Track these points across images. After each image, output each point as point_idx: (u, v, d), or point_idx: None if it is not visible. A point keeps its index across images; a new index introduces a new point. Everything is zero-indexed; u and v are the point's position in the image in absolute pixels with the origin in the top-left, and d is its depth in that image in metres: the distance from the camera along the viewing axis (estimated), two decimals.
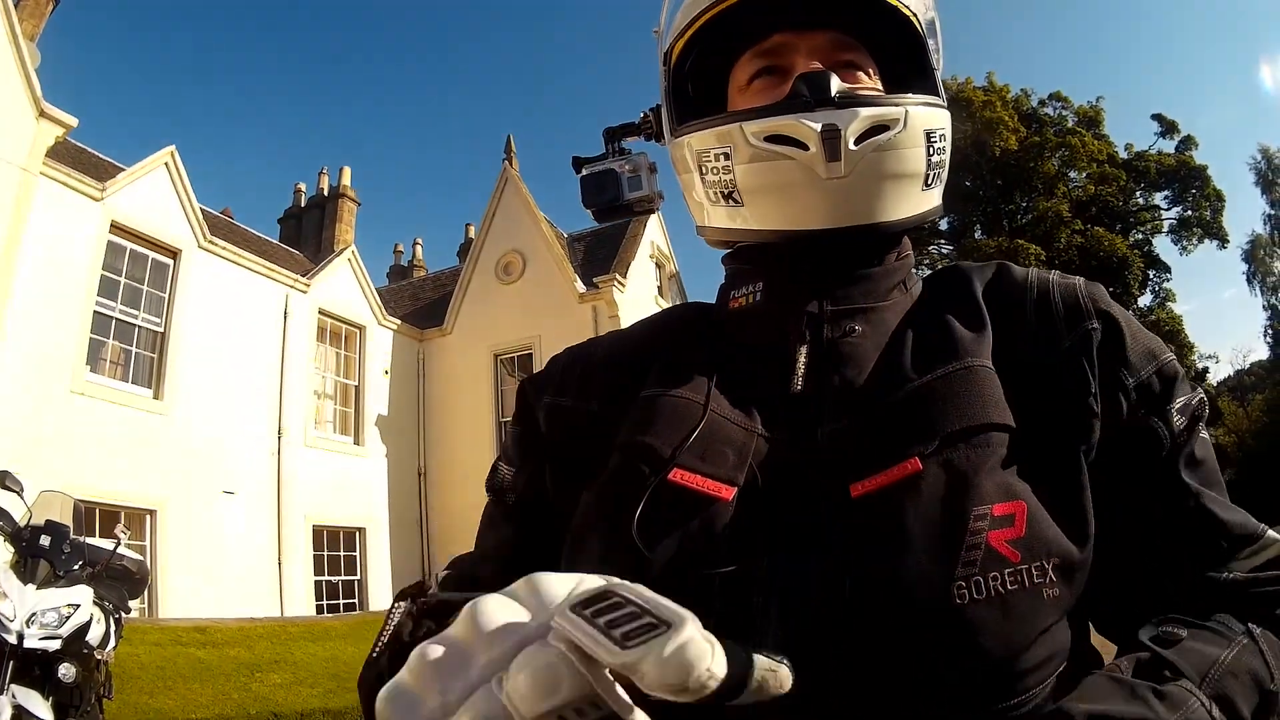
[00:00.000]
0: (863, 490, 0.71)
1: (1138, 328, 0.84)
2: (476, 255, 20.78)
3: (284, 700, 7.93)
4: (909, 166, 0.84)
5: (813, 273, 0.87)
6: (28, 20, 12.71)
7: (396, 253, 31.48)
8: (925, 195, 0.88)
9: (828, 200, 0.82)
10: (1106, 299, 0.85)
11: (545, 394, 0.94)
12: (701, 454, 0.77)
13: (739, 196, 0.86)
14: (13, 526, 4.82)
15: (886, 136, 0.82)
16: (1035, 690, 0.69)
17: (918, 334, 0.84)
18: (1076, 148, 29.36)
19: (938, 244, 32.76)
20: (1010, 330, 0.83)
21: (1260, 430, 33.15)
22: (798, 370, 0.82)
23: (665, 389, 0.84)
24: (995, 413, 0.75)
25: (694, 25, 0.93)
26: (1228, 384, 40.68)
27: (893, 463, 0.72)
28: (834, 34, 0.91)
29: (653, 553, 0.72)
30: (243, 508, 14.97)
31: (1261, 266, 33.45)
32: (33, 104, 12.12)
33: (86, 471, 11.94)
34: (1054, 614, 0.70)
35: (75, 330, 12.85)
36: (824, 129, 0.79)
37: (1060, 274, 0.88)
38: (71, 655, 4.43)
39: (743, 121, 0.84)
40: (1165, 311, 29.53)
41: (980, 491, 0.70)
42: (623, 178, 1.00)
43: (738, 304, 0.92)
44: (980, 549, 0.67)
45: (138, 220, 14.18)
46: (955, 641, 0.66)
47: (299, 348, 17.25)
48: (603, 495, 0.80)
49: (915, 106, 0.84)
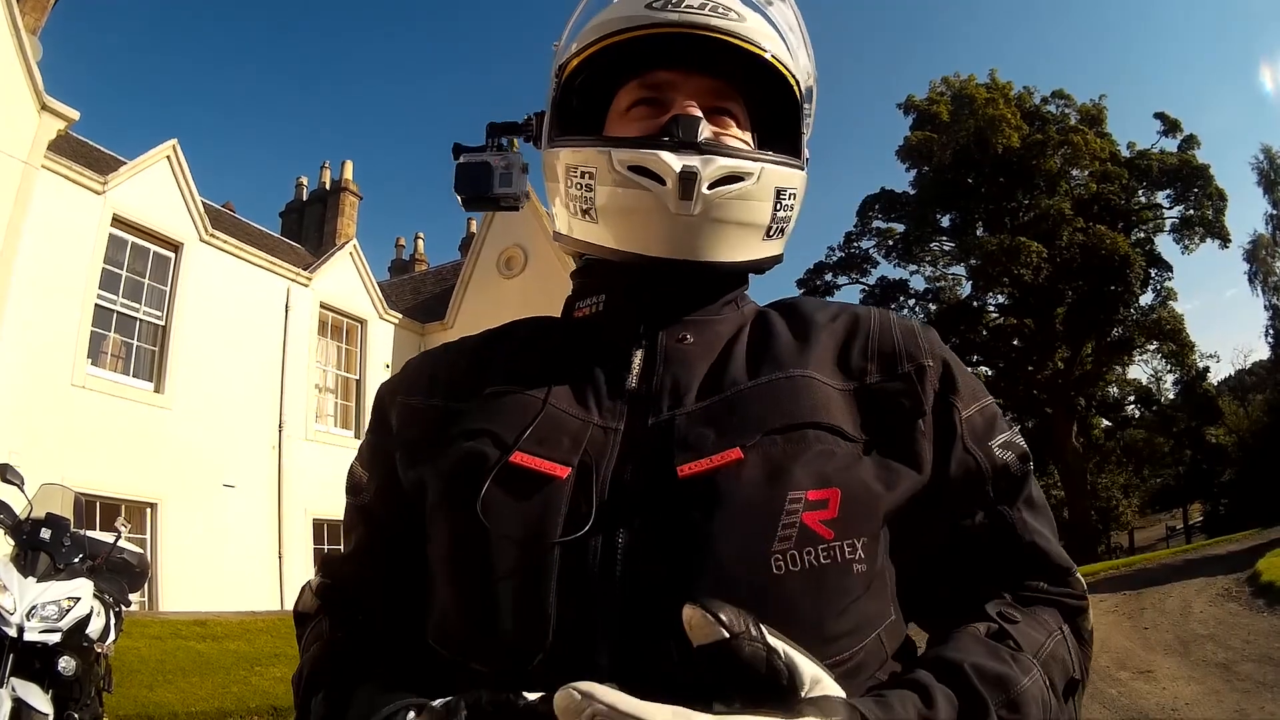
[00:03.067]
0: (689, 472, 0.79)
1: (966, 373, 0.95)
2: (478, 249, 20.79)
3: (284, 694, 7.90)
4: (753, 217, 0.94)
5: (651, 291, 0.97)
6: (30, 14, 12.70)
7: (398, 246, 31.48)
8: (765, 244, 0.97)
9: (673, 233, 0.91)
10: (940, 342, 0.97)
11: (398, 395, 1.02)
12: (539, 440, 0.84)
13: (595, 214, 0.95)
14: (13, 520, 4.83)
15: (738, 187, 0.91)
16: (852, 650, 0.77)
17: (749, 346, 0.94)
18: (1079, 146, 29.27)
19: (939, 241, 32.74)
20: (850, 356, 0.93)
21: (1261, 430, 33.12)
22: (633, 370, 0.91)
23: (508, 387, 0.92)
24: (812, 414, 0.84)
25: (591, 48, 1.00)
26: (1228, 383, 40.64)
27: (718, 450, 0.80)
28: (715, 81, 0.99)
29: (496, 527, 0.80)
30: (243, 501, 15.01)
31: (1263, 266, 33.37)
32: (34, 97, 12.13)
33: (87, 465, 11.95)
34: (862, 585, 0.79)
35: (76, 323, 12.88)
36: (683, 170, 0.88)
37: (901, 316, 0.99)
38: (71, 648, 4.43)
39: (612, 149, 0.92)
40: (1166, 310, 29.46)
41: (795, 479, 0.78)
42: (495, 172, 1.05)
43: (582, 313, 1.03)
44: (795, 527, 0.76)
45: (139, 213, 14.20)
46: (773, 606, 0.72)
47: (300, 341, 17.29)
48: (452, 477, 0.87)
49: (771, 165, 0.93)
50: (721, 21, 0.95)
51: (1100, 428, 33.44)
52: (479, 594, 0.81)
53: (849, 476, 0.80)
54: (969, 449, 0.89)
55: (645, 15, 0.95)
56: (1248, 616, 10.87)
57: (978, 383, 0.96)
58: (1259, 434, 33.05)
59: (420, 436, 0.95)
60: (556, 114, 1.04)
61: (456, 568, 0.85)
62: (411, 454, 0.95)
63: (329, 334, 18.62)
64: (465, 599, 0.83)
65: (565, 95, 1.04)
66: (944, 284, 33.34)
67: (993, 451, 0.91)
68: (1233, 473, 36.15)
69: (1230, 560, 17.13)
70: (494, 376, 0.95)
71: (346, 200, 22.36)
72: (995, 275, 28.55)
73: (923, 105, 31.77)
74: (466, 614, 0.83)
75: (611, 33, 0.98)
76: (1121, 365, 31.90)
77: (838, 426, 0.84)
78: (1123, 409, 33.52)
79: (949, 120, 30.47)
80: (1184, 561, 20.71)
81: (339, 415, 18.51)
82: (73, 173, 13.06)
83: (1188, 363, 29.75)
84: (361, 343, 19.27)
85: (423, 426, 0.96)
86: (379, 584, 0.98)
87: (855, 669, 0.77)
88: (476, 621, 0.81)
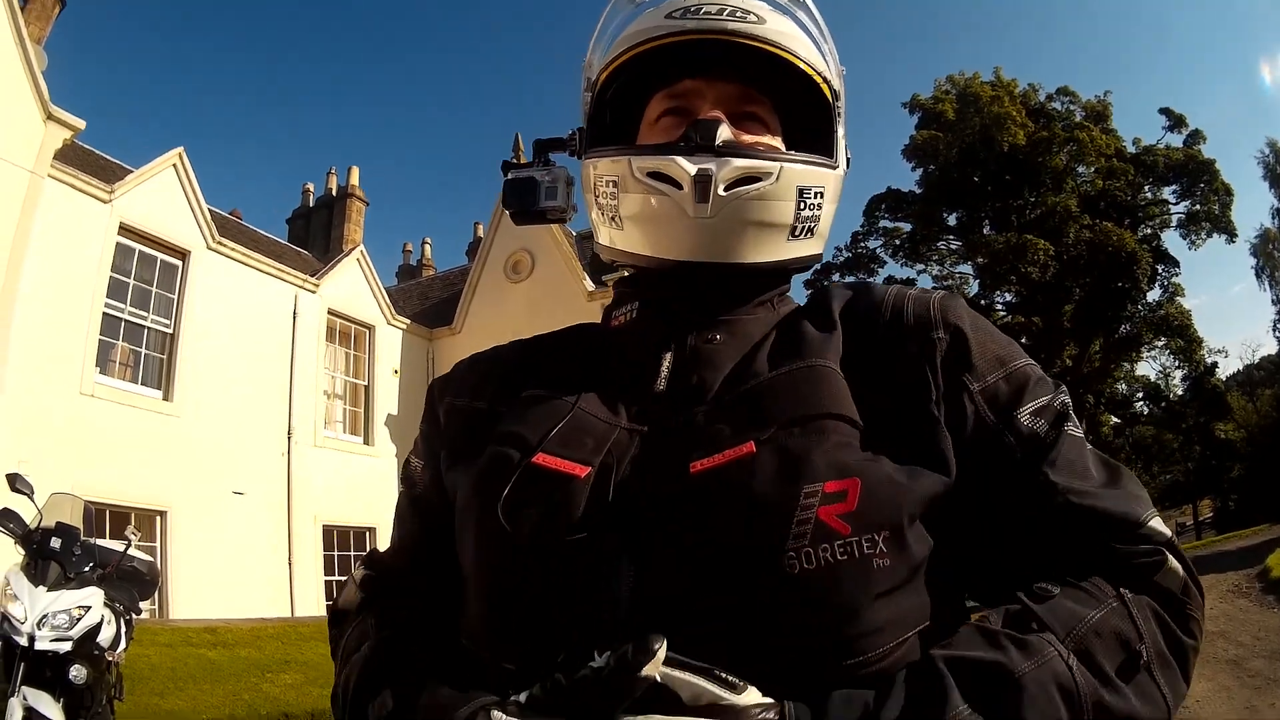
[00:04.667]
0: (701, 468, 0.79)
1: (989, 337, 0.91)
2: (485, 254, 20.80)
3: (295, 701, 7.94)
4: (774, 217, 0.93)
5: (680, 295, 0.98)
6: (34, 23, 12.76)
7: (405, 252, 31.63)
8: (791, 244, 0.96)
9: (692, 236, 0.92)
10: (958, 312, 0.92)
11: (447, 395, 1.06)
12: (564, 442, 0.86)
13: (620, 221, 0.98)
14: (23, 529, 4.85)
15: (756, 187, 0.91)
16: (882, 649, 0.75)
17: (775, 342, 0.94)
18: (1084, 142, 29.18)
19: (946, 240, 32.69)
20: (864, 341, 0.91)
21: (1269, 425, 33.04)
22: (662, 373, 0.92)
23: (544, 391, 0.94)
24: (831, 404, 0.83)
25: (617, 60, 1.02)
26: (1237, 379, 40.63)
27: (730, 445, 0.80)
28: (742, 86, 1.00)
29: (517, 527, 0.81)
30: (253, 508, 15.02)
31: (1270, 261, 33.26)
32: (40, 107, 12.18)
33: (96, 473, 11.98)
34: (887, 582, 0.76)
35: (84, 332, 12.91)
36: (698, 173, 0.89)
37: (922, 290, 0.96)
38: (82, 657, 4.44)
39: (633, 156, 0.94)
40: (1174, 306, 29.37)
41: (812, 470, 0.77)
42: (541, 186, 1.07)
43: (618, 321, 1.04)
44: (810, 523, 0.74)
45: (146, 222, 14.24)
46: (789, 605, 0.73)
47: (308, 348, 17.30)
48: (480, 478, 0.89)
49: (792, 164, 0.93)
50: (740, 25, 0.95)
51: (1109, 425, 33.29)
52: (500, 595, 0.83)
53: (870, 467, 0.79)
54: (988, 424, 0.85)
55: (665, 25, 0.97)
56: (1258, 612, 10.85)
57: (1004, 345, 0.91)
58: (1268, 429, 32.97)
59: (462, 437, 0.98)
60: (590, 128, 1.07)
61: (480, 569, 0.86)
62: (453, 454, 0.99)
63: (337, 340, 18.62)
64: (489, 599, 0.85)
65: (598, 109, 1.07)
66: (951, 282, 33.22)
67: (1018, 422, 0.85)
68: (1242, 468, 36.08)
69: (1240, 556, 17.11)
70: (533, 381, 0.97)
71: (353, 206, 22.39)
72: (1002, 273, 28.47)
73: (928, 104, 31.70)
74: (490, 614, 0.84)
75: (633, 45, 0.99)
76: (1130, 362, 31.84)
77: (854, 419, 0.83)
78: (1131, 405, 33.43)
79: (954, 119, 30.39)
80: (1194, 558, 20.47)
81: (348, 421, 18.52)
82: (79, 182, 13.08)
83: (1196, 358, 29.67)
84: (370, 349, 19.27)
85: (466, 427, 0.99)
86: (424, 578, 0.99)
87: (886, 670, 0.74)
88: (499, 621, 0.83)
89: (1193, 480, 40.18)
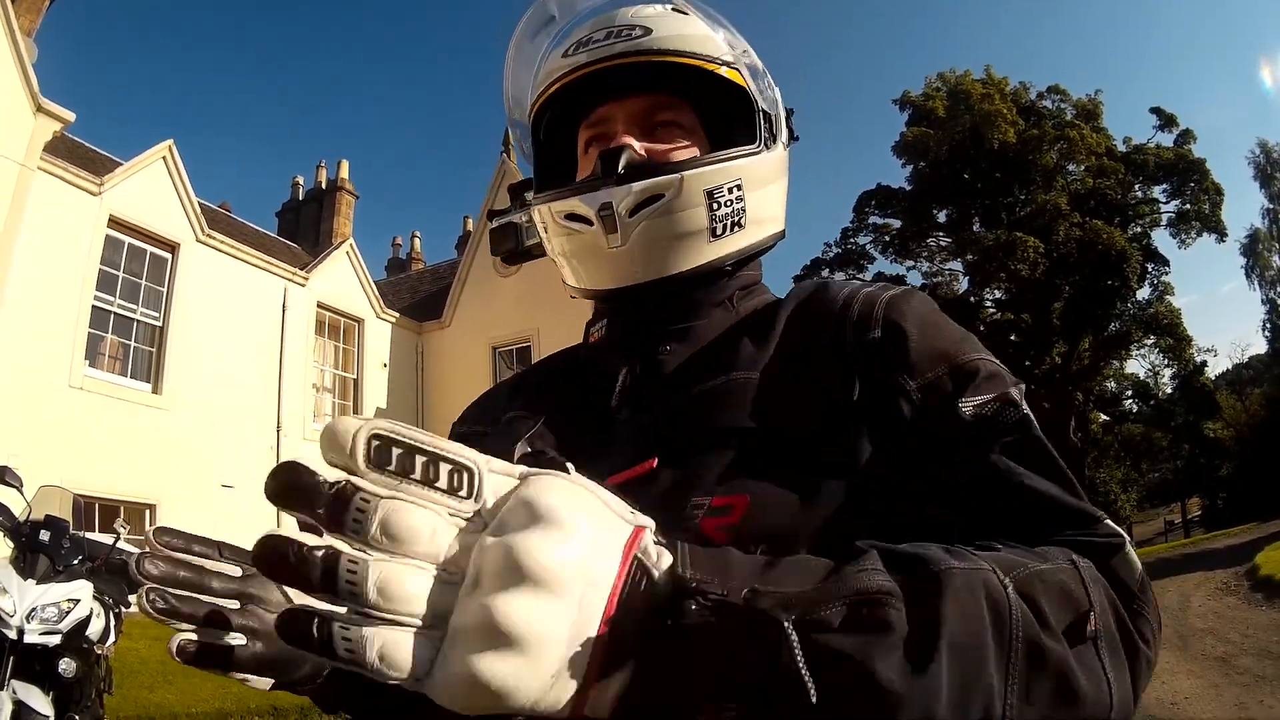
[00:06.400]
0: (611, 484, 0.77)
1: (936, 332, 0.87)
2: (475, 248, 20.71)
3: (284, 694, 7.90)
4: (685, 226, 0.94)
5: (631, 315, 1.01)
6: (24, 15, 12.68)
7: (395, 245, 31.49)
8: (717, 244, 0.97)
9: (614, 266, 0.96)
10: (902, 309, 0.88)
11: (460, 426, 1.10)
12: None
13: (561, 260, 1.03)
14: (12, 522, 4.82)
15: (659, 204, 0.92)
16: None
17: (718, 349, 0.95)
18: (1075, 141, 29.30)
19: (936, 237, 32.76)
20: (809, 342, 0.90)
21: (1258, 424, 33.24)
22: (616, 389, 0.95)
23: (520, 413, 0.99)
24: (738, 419, 0.84)
25: (535, 105, 1.06)
26: (1226, 378, 40.82)
27: (641, 460, 0.83)
28: (651, 98, 1.00)
29: None
30: (242, 501, 14.95)
31: (1260, 261, 33.49)
32: (30, 99, 12.11)
33: (85, 466, 11.94)
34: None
35: (73, 325, 12.87)
36: (600, 208, 0.91)
37: (876, 286, 0.93)
38: (72, 650, 4.42)
39: (549, 203, 0.98)
40: (1164, 305, 29.54)
41: (701, 484, 0.79)
42: (521, 228, 1.13)
43: (593, 339, 1.07)
44: (692, 532, 0.75)
45: (136, 214, 14.19)
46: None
47: (297, 341, 17.27)
48: None
49: (693, 171, 0.93)
50: (626, 45, 0.97)
51: (1098, 422, 33.48)
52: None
53: (761, 485, 0.78)
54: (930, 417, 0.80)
55: (564, 64, 1.00)
56: (1246, 610, 10.92)
57: (954, 341, 0.86)
58: (1257, 428, 33.19)
59: None
60: (536, 172, 1.12)
61: None
62: None
63: (326, 333, 18.58)
64: None
65: (539, 151, 1.11)
66: (941, 279, 33.34)
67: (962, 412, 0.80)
68: (1231, 467, 36.29)
69: (1229, 554, 17.21)
70: (516, 404, 1.03)
71: (343, 199, 22.32)
72: (992, 270, 28.61)
73: (919, 101, 31.80)
74: None
75: (540, 91, 1.04)
76: (1119, 360, 31.99)
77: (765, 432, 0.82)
78: (1120, 403, 33.60)
79: (945, 116, 30.47)
80: (1182, 556, 20.78)
81: (336, 414, 18.33)
82: (69, 174, 13.03)
83: (1185, 357, 29.83)
84: (359, 342, 19.24)
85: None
86: None
87: None
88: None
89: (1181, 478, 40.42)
